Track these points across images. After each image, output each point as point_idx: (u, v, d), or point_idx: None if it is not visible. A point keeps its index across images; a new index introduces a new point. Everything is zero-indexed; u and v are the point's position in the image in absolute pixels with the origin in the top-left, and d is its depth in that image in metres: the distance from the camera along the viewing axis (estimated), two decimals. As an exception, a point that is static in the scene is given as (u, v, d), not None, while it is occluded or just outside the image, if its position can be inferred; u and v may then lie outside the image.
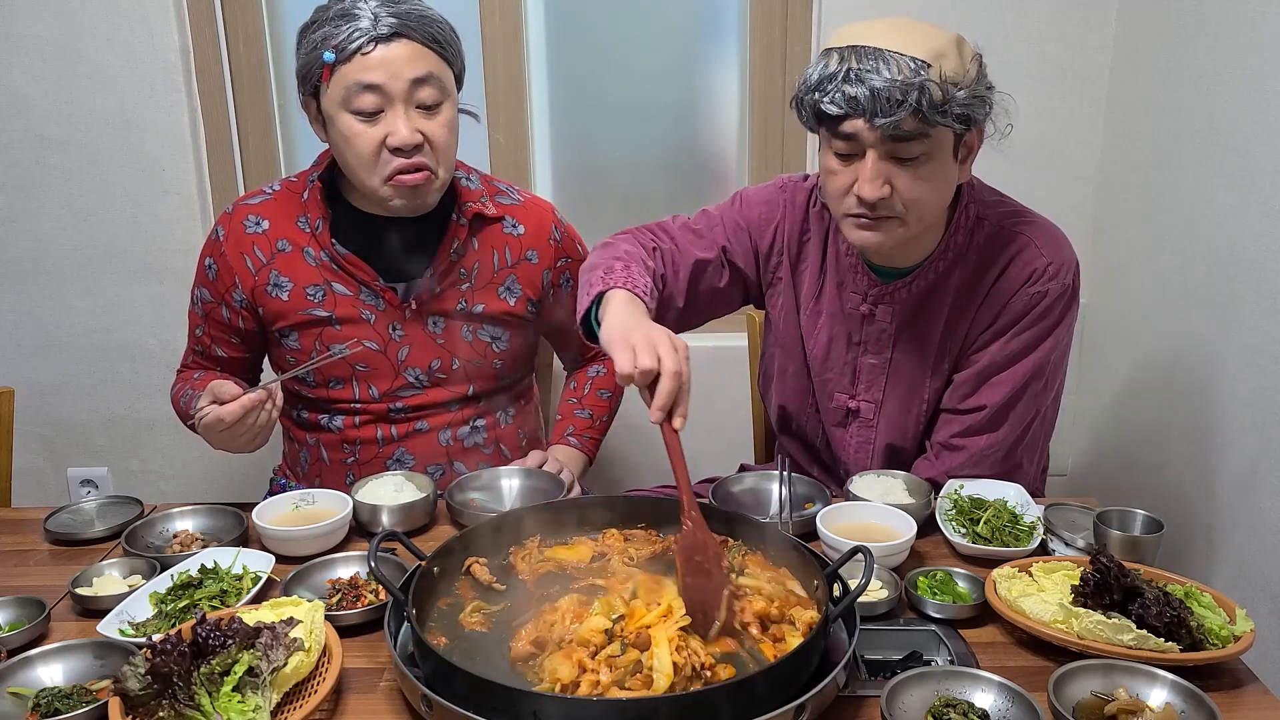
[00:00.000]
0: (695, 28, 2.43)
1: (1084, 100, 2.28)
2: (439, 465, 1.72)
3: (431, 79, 1.50)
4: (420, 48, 1.49)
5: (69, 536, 1.48)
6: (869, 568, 1.09)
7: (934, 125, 1.30)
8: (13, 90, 2.32)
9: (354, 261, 1.62)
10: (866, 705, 1.05)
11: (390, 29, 1.46)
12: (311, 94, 1.54)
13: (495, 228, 1.69)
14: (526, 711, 0.93)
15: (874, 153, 1.33)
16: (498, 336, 1.72)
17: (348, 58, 1.47)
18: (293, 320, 1.64)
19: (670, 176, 2.53)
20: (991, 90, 1.37)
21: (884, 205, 1.37)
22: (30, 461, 2.59)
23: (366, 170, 1.53)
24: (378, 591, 1.25)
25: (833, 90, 1.30)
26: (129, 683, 0.96)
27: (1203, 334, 1.86)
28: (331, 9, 1.50)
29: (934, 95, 1.27)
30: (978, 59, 1.36)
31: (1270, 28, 1.67)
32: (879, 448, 1.61)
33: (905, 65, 1.27)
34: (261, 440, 1.52)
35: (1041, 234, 1.49)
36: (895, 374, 1.57)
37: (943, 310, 1.52)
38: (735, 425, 2.20)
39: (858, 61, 1.29)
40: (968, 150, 1.41)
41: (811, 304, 1.61)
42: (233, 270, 1.64)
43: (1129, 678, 1.05)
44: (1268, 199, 1.67)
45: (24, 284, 2.48)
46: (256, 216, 1.65)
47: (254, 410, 1.44)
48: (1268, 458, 1.68)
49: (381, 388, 1.68)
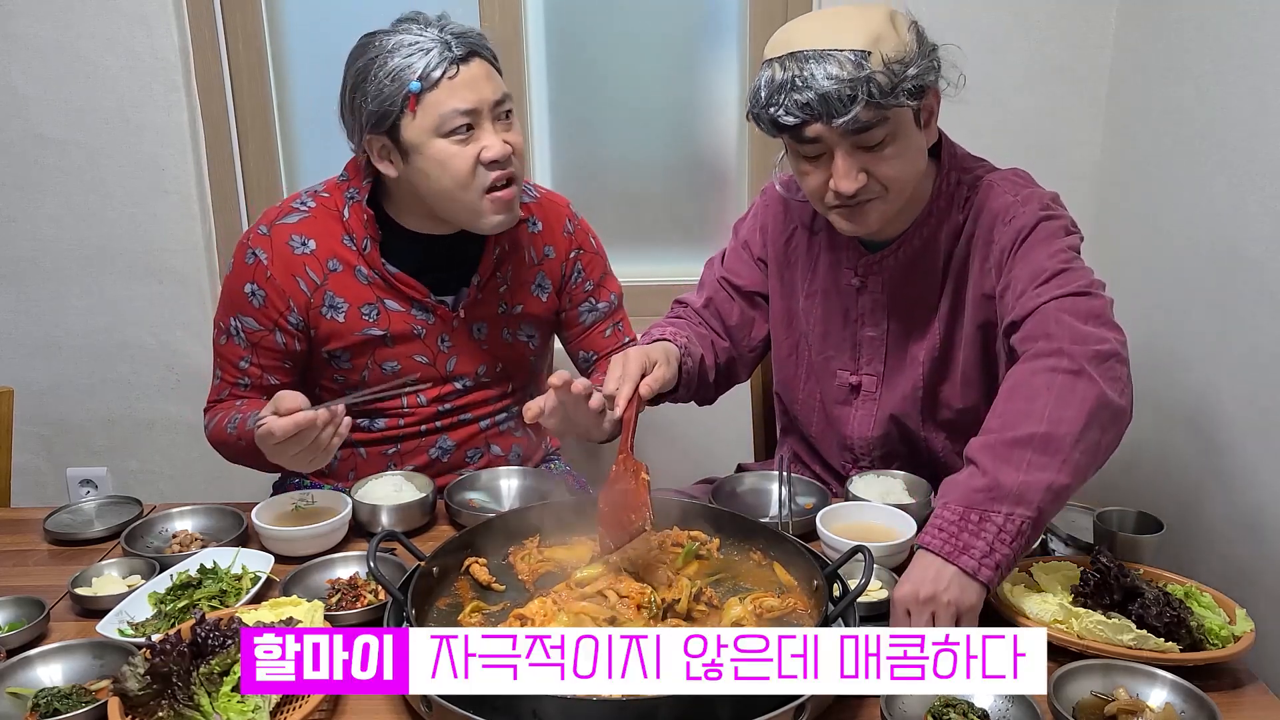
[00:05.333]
0: (695, 28, 2.43)
1: (1084, 100, 2.28)
2: (478, 449, 1.75)
3: (507, 99, 1.53)
4: (489, 66, 1.52)
5: (68, 536, 1.48)
6: (869, 568, 1.09)
7: (890, 109, 1.30)
8: (12, 90, 2.32)
9: (406, 280, 1.61)
10: (866, 705, 1.05)
11: (464, 49, 1.48)
12: (387, 130, 1.50)
13: (521, 227, 1.70)
14: (526, 711, 0.93)
15: (841, 149, 1.34)
16: (532, 336, 1.75)
17: (434, 84, 1.46)
18: (348, 341, 1.61)
19: (670, 176, 2.53)
20: (935, 50, 1.36)
21: (863, 192, 1.37)
22: (29, 461, 2.58)
23: (463, 189, 1.51)
24: (377, 591, 1.25)
25: (783, 100, 1.30)
26: (128, 683, 0.96)
27: (1203, 334, 1.86)
28: (389, 42, 1.47)
29: (881, 82, 1.27)
30: (914, 26, 1.34)
31: (1270, 28, 1.67)
32: (881, 420, 1.61)
33: (846, 60, 1.27)
34: (320, 463, 1.41)
35: (1002, 178, 1.48)
36: (894, 344, 1.58)
37: (934, 272, 1.52)
38: (735, 425, 2.20)
39: (799, 67, 1.29)
40: (929, 113, 1.41)
41: (806, 286, 1.63)
42: (285, 293, 1.58)
43: (1129, 678, 1.05)
44: (1268, 199, 1.67)
45: (23, 284, 2.48)
46: (301, 236, 1.59)
47: (308, 430, 1.34)
48: (1268, 458, 1.68)
49: (430, 396, 1.69)
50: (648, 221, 2.54)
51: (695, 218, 2.53)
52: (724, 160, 2.52)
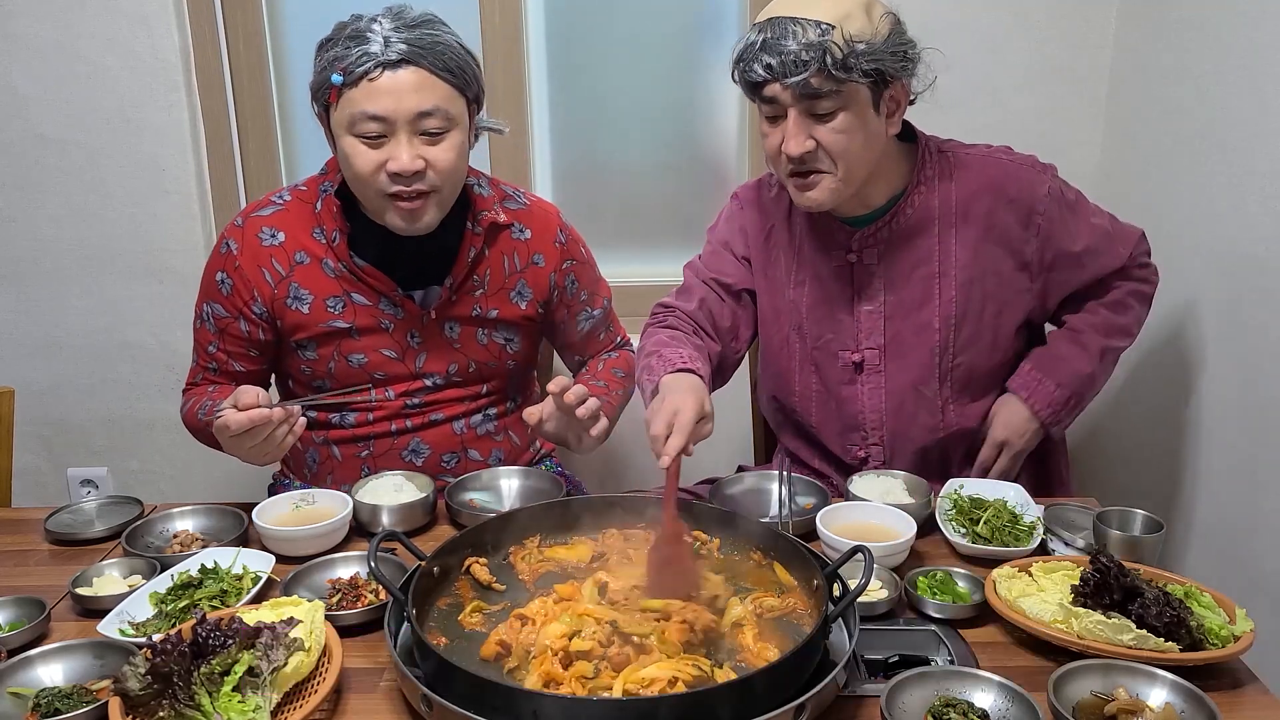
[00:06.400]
0: (695, 28, 2.42)
1: (1084, 100, 2.28)
2: (454, 453, 1.74)
3: (437, 112, 1.47)
4: (430, 76, 1.46)
5: (69, 536, 1.48)
6: (869, 568, 1.09)
7: (842, 81, 1.40)
8: (12, 90, 2.32)
9: (373, 273, 1.61)
10: (866, 705, 1.05)
11: (400, 55, 1.43)
12: (322, 111, 1.53)
13: (505, 233, 1.69)
14: (526, 711, 0.93)
15: (794, 111, 1.44)
16: (510, 339, 1.73)
17: (354, 82, 1.45)
18: (313, 332, 1.63)
19: (670, 177, 2.53)
20: (911, 47, 1.46)
21: (810, 159, 1.47)
22: (30, 461, 2.58)
23: (364, 188, 1.53)
24: (378, 591, 1.25)
25: (751, 59, 1.43)
26: (129, 683, 0.96)
27: (1203, 334, 1.86)
28: (348, 27, 1.47)
29: (835, 54, 1.38)
30: (890, 18, 1.44)
31: (1270, 28, 1.67)
32: (892, 391, 1.63)
33: (811, 29, 1.39)
34: (271, 459, 1.47)
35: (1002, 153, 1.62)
36: (893, 315, 1.61)
37: (932, 238, 1.58)
38: (735, 425, 2.20)
39: (772, 32, 1.41)
40: (895, 104, 1.49)
41: (794, 275, 1.66)
42: (250, 284, 1.62)
43: (1129, 678, 1.05)
44: (1268, 199, 1.67)
45: (23, 284, 2.48)
46: (271, 229, 1.63)
47: (263, 427, 1.39)
48: (1267, 458, 1.68)
49: (398, 390, 1.69)
50: (647, 221, 2.54)
51: (694, 218, 2.51)
52: (724, 160, 2.52)
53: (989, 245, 1.57)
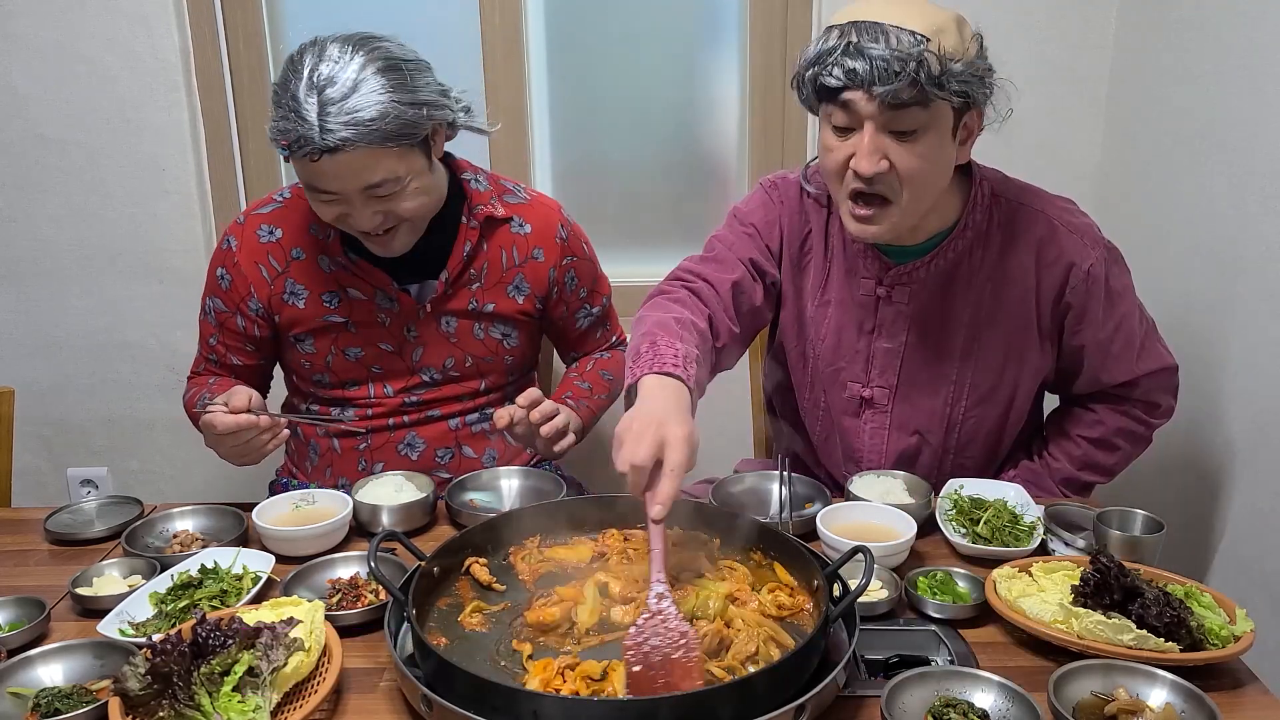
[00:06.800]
0: (695, 28, 2.43)
1: (1084, 100, 2.28)
2: (449, 449, 1.75)
3: (386, 182, 1.45)
4: (372, 151, 1.41)
5: (69, 536, 1.48)
6: (869, 568, 1.08)
7: (931, 98, 1.30)
8: (12, 90, 2.32)
9: (367, 268, 1.63)
10: (866, 705, 1.05)
11: (336, 142, 1.38)
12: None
13: (504, 227, 1.70)
14: (526, 711, 0.93)
15: (871, 125, 1.33)
16: (508, 334, 1.74)
17: (300, 158, 1.43)
18: (309, 326, 1.66)
19: (670, 176, 2.53)
20: (991, 72, 1.37)
21: (880, 181, 1.36)
22: (30, 461, 2.58)
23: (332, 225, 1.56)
24: (378, 591, 1.25)
25: (832, 64, 1.31)
26: (129, 683, 0.96)
27: (1203, 334, 1.86)
28: (288, 89, 1.41)
29: (932, 67, 1.28)
30: (978, 39, 1.36)
31: (1270, 28, 1.67)
32: (895, 434, 1.60)
33: (905, 38, 1.28)
34: (250, 461, 1.51)
35: (1059, 211, 1.52)
36: (911, 358, 1.56)
37: (968, 289, 1.51)
38: (735, 426, 2.20)
39: (857, 36, 1.30)
40: (968, 132, 1.41)
41: (819, 294, 1.60)
42: (247, 280, 1.65)
43: (1129, 678, 1.05)
44: (1268, 199, 1.67)
45: (24, 284, 2.48)
46: (269, 226, 1.66)
47: (247, 430, 1.44)
48: (1268, 458, 1.68)
49: (396, 386, 1.71)
50: (647, 221, 2.54)
51: (695, 218, 2.52)
52: (724, 160, 2.52)
53: (1020, 306, 1.51)
